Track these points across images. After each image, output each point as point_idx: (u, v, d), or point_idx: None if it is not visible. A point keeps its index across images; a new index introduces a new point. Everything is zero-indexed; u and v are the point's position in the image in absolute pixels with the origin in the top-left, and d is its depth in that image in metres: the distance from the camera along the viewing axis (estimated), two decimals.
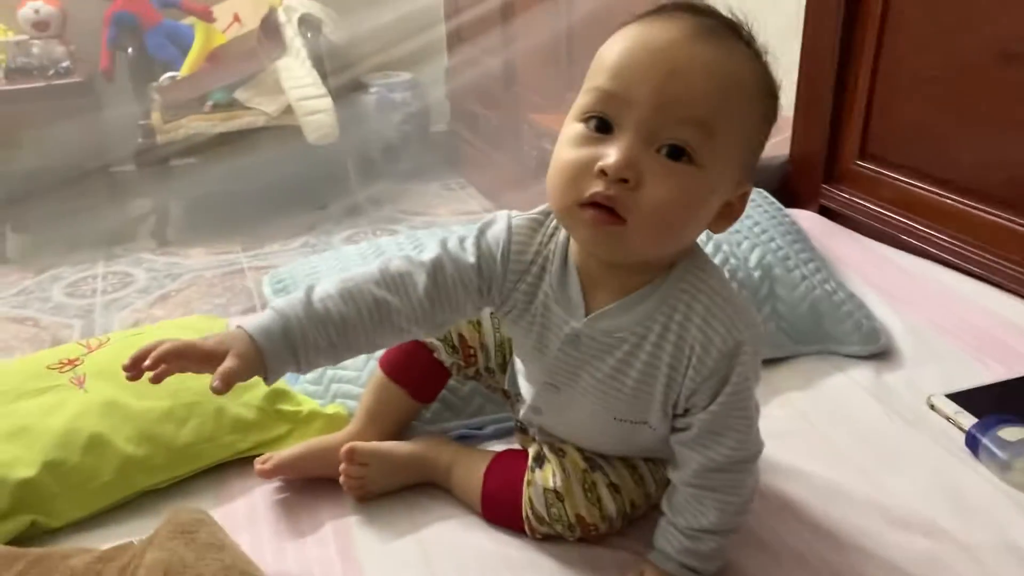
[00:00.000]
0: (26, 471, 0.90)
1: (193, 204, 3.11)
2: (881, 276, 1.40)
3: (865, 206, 1.56)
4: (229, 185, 2.96)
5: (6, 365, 1.11)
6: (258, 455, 0.99)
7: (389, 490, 0.96)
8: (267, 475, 0.96)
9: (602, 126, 0.69)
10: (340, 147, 2.91)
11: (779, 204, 1.46)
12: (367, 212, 3.03)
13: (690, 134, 0.67)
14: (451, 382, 1.05)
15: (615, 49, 0.70)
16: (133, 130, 2.77)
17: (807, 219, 1.56)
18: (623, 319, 0.77)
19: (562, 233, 0.80)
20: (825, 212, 1.64)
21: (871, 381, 1.14)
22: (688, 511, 0.79)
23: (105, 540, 0.88)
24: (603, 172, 0.67)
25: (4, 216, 2.77)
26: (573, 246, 0.79)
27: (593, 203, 0.68)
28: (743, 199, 0.75)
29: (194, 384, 1.01)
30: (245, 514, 0.94)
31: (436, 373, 1.01)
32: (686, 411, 0.78)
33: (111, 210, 2.89)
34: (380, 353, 1.02)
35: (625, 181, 0.67)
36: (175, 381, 1.01)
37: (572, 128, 0.71)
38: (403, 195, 3.20)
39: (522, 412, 0.92)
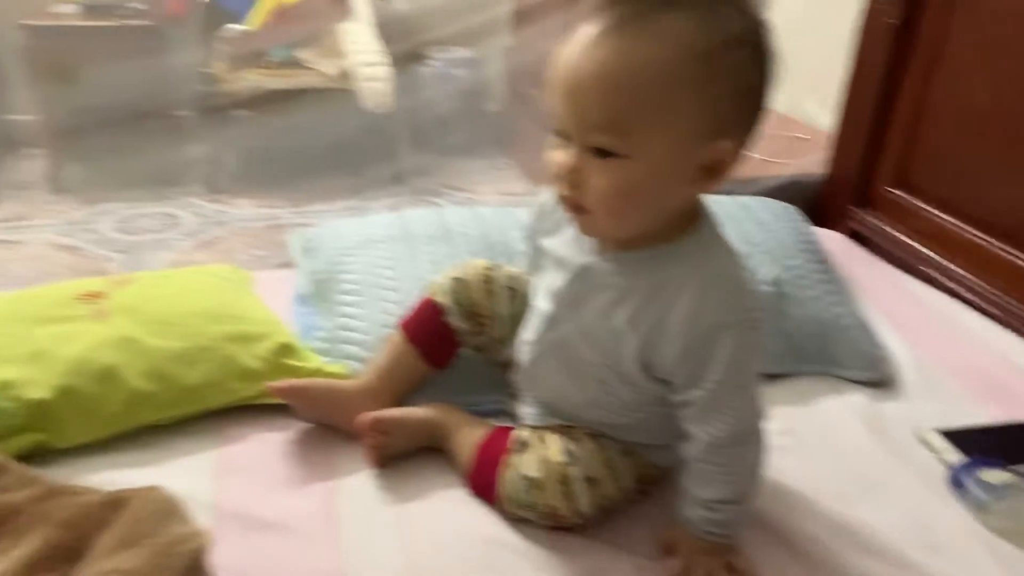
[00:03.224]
0: (41, 393, 0.95)
1: (246, 156, 3.16)
2: (897, 306, 1.40)
3: (893, 234, 1.56)
4: (283, 141, 3.01)
5: (35, 290, 1.17)
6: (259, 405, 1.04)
7: (403, 454, 0.99)
8: (277, 391, 1.01)
9: (563, 134, 0.78)
10: (393, 116, 2.95)
11: (807, 222, 1.46)
12: (411, 182, 3.06)
13: (601, 138, 0.75)
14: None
15: (552, 65, 0.77)
16: (195, 77, 2.84)
17: (834, 240, 1.55)
18: (622, 267, 0.85)
19: None
20: (855, 236, 1.64)
21: (866, 408, 1.14)
22: (700, 483, 0.87)
23: (104, 467, 0.94)
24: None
25: (63, 146, 2.85)
26: None
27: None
28: (726, 154, 0.76)
29: (209, 330, 1.07)
30: (240, 458, 0.99)
31: (447, 339, 1.05)
32: (676, 386, 0.84)
33: (167, 153, 2.96)
34: (394, 320, 1.08)
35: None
36: (192, 325, 1.07)
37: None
38: (449, 169, 3.22)
39: (520, 359, 0.96)
